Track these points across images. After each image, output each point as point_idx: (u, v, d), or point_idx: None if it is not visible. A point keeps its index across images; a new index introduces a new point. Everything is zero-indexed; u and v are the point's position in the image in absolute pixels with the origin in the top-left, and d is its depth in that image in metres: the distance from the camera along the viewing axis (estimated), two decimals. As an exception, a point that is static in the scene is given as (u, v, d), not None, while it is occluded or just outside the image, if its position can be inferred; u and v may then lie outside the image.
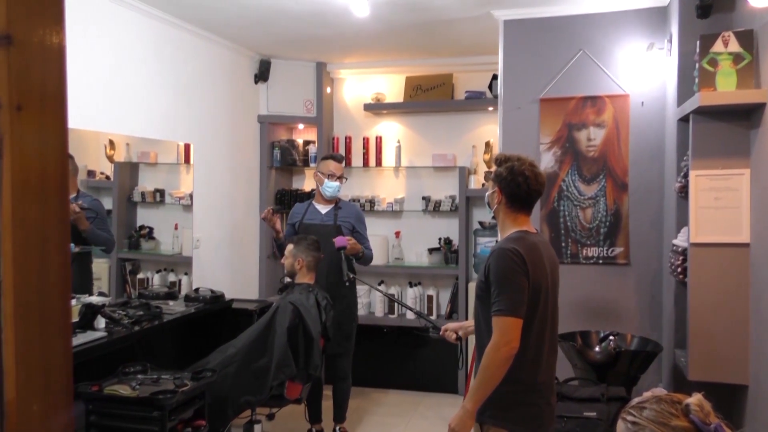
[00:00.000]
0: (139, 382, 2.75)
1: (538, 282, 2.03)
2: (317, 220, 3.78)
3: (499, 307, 1.98)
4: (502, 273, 1.99)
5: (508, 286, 1.98)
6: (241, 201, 4.80)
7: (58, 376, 0.78)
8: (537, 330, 2.05)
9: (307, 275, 3.48)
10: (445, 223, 5.01)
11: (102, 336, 2.84)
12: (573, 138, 3.60)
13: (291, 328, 3.18)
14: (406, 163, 5.12)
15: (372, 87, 5.15)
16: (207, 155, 4.31)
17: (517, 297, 1.97)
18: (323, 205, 3.83)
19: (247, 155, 4.90)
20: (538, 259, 2.06)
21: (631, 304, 3.53)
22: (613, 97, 3.55)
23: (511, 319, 1.96)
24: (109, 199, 3.64)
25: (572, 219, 3.61)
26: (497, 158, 2.18)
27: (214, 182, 4.43)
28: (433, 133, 5.08)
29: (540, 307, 2.05)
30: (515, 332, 1.96)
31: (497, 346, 1.96)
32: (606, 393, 2.78)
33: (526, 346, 2.01)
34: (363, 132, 5.20)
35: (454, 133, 5.03)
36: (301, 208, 3.90)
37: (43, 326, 0.77)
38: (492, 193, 2.18)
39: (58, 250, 0.79)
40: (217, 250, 4.46)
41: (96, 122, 3.32)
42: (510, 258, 2.00)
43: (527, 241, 2.07)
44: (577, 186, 3.61)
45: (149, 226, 3.90)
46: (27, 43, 0.75)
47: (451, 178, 4.96)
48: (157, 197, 3.97)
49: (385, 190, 5.18)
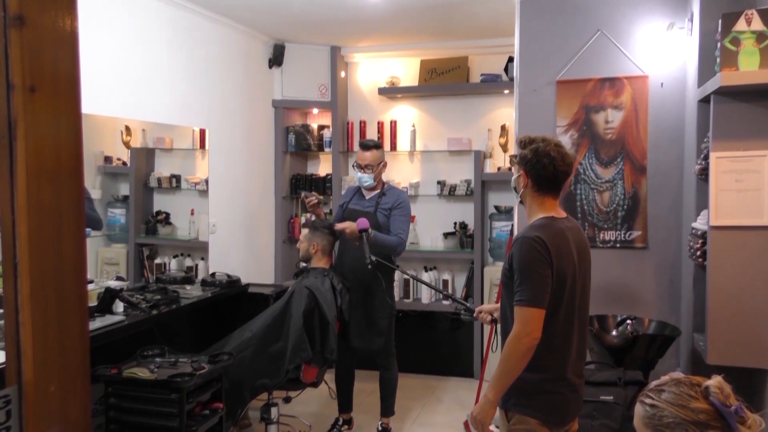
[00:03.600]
0: (157, 365, 2.78)
1: (564, 270, 2.01)
2: (361, 206, 3.70)
3: (521, 297, 1.97)
4: (524, 262, 1.98)
5: (530, 275, 1.96)
6: (257, 186, 4.82)
7: (75, 357, 0.79)
8: (563, 318, 2.03)
9: (323, 259, 3.50)
10: (460, 208, 5.00)
11: (120, 320, 2.87)
12: (590, 120, 3.57)
13: (306, 312, 3.19)
14: (421, 147, 5.11)
15: (386, 71, 5.12)
16: (222, 140, 4.32)
17: (539, 287, 1.96)
18: (368, 192, 3.74)
19: (262, 140, 4.91)
20: (563, 246, 2.03)
21: (648, 288, 3.51)
22: (631, 79, 3.50)
23: (532, 309, 1.95)
24: (126, 184, 3.66)
25: (589, 202, 3.58)
26: (521, 140, 2.15)
27: (230, 167, 4.44)
28: (448, 116, 5.06)
29: (566, 295, 2.02)
30: (537, 323, 1.95)
31: (518, 337, 1.95)
32: (623, 377, 2.77)
33: (551, 334, 2.00)
34: (377, 116, 5.18)
35: (470, 117, 5.00)
36: (350, 193, 3.82)
37: (60, 308, 0.78)
38: (518, 177, 2.15)
39: (73, 233, 0.79)
40: (232, 235, 4.48)
41: (111, 107, 3.33)
42: (533, 247, 1.98)
43: (552, 228, 2.05)
44: (594, 169, 3.57)
45: (166, 211, 3.93)
46: (39, 25, 0.75)
47: (466, 162, 4.95)
48: (173, 183, 3.99)
49: (400, 174, 5.17)
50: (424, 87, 4.94)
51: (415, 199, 5.11)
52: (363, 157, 3.62)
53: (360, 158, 3.63)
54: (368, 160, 3.62)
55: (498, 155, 4.88)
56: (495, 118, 4.93)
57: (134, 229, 3.65)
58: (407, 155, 5.16)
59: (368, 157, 3.62)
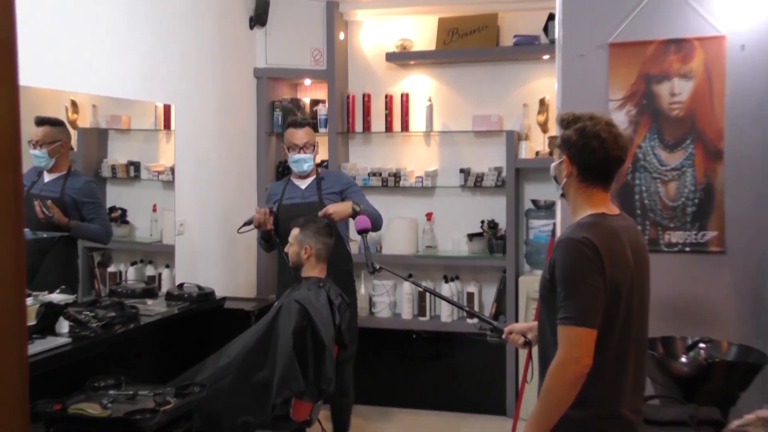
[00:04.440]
0: (111, 400, 2.75)
1: (618, 280, 2.01)
2: (298, 198, 3.88)
3: (566, 314, 1.97)
4: (570, 271, 1.99)
5: (577, 287, 1.97)
6: (235, 175, 4.82)
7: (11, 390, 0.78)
8: (618, 341, 2.04)
9: (317, 267, 3.50)
10: (488, 202, 4.99)
11: (65, 342, 2.86)
12: (652, 93, 3.58)
13: (297, 332, 3.20)
14: (440, 127, 5.10)
15: (396, 32, 5.12)
16: (191, 119, 4.32)
17: (588, 301, 1.96)
18: (302, 180, 3.92)
19: (242, 118, 4.91)
20: (618, 251, 2.04)
21: (727, 303, 3.50)
22: (704, 40, 3.50)
23: (581, 329, 1.95)
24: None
25: (650, 195, 3.59)
26: (563, 119, 2.16)
27: (201, 152, 4.44)
28: (474, 89, 5.04)
29: (621, 311, 2.03)
30: (587, 346, 1.95)
31: (563, 364, 1.96)
32: (695, 415, 2.76)
33: (602, 361, 1.99)
34: (385, 88, 5.18)
35: (500, 89, 4.99)
36: (278, 188, 4.01)
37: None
38: (559, 164, 2.17)
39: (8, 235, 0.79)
40: (205, 237, 4.48)
41: (54, 78, 3.33)
42: (580, 251, 1.99)
43: (604, 227, 2.05)
44: (656, 154, 3.58)
45: (121, 207, 3.90)
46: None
47: (496, 145, 4.93)
48: (130, 171, 3.97)
49: (414, 161, 5.16)
50: (443, 52, 4.91)
51: (432, 192, 5.11)
52: (298, 135, 3.84)
53: (294, 138, 3.84)
54: (305, 138, 3.84)
55: (536, 137, 4.87)
56: (532, 91, 4.91)
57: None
58: (422, 137, 5.15)
59: (304, 135, 3.84)
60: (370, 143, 5.22)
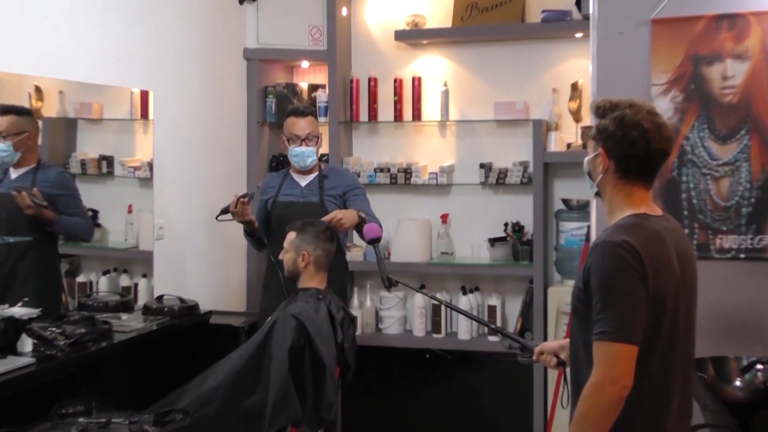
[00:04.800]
0: (80, 428, 2.76)
1: (662, 290, 2.03)
2: (296, 196, 3.89)
3: (604, 328, 1.97)
4: (608, 278, 2.00)
5: (616, 297, 1.98)
6: (223, 171, 4.80)
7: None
8: (661, 360, 2.05)
9: (316, 276, 3.50)
10: (513, 202, 4.96)
11: (28, 363, 2.87)
12: (700, 76, 3.55)
13: (294, 351, 3.20)
14: (457, 115, 5.07)
15: (407, 6, 5.08)
16: (172, 107, 4.30)
17: (629, 313, 1.97)
18: (302, 176, 3.93)
19: (230, 106, 4.90)
20: (662, 256, 2.05)
21: (787, 318, 3.48)
22: (761, 15, 3.46)
23: (620, 345, 1.95)
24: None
25: (699, 194, 3.56)
26: (599, 106, 2.18)
27: (183, 145, 4.43)
28: (496, 72, 5.02)
29: (665, 326, 2.04)
30: (627, 364, 1.95)
31: (601, 385, 1.96)
32: (753, 448, 2.76)
33: (644, 383, 2.00)
34: (394, 71, 5.15)
35: (526, 72, 4.96)
36: (274, 180, 4.02)
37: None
38: (594, 158, 2.18)
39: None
40: (188, 242, 4.47)
41: (14, 62, 3.32)
42: (620, 256, 1.99)
43: (646, 230, 2.07)
44: (706, 146, 3.56)
45: (92, 208, 3.88)
46: None
47: (521, 136, 4.91)
48: (103, 167, 3.96)
49: (427, 154, 5.14)
50: (460, 29, 4.89)
51: (448, 191, 5.08)
52: (300, 125, 3.84)
53: (295, 128, 3.85)
54: (308, 128, 3.85)
55: (567, 126, 4.83)
56: (562, 74, 4.88)
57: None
58: (436, 127, 5.12)
59: (307, 125, 3.85)
60: (377, 134, 5.18)
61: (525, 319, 4.77)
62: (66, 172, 3.73)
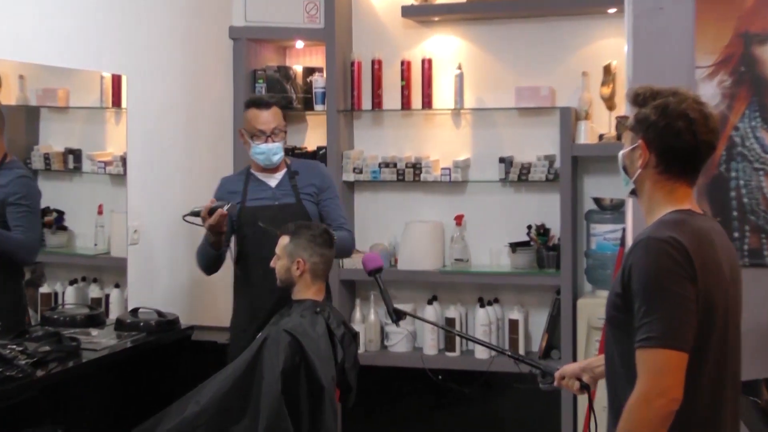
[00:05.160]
0: None
1: (712, 293, 2.04)
2: (268, 199, 3.85)
3: (649, 333, 1.97)
4: (653, 278, 2.00)
5: (663, 298, 1.98)
6: (206, 166, 4.79)
7: None
8: (712, 370, 2.06)
9: (313, 286, 3.51)
10: (537, 202, 4.95)
11: None
12: (752, 57, 3.54)
13: (287, 371, 3.20)
14: (473, 102, 5.05)
15: (415, -21, 5.08)
16: (148, 94, 4.29)
17: (677, 316, 1.98)
18: (269, 174, 3.89)
19: (214, 92, 4.91)
20: (711, 257, 2.07)
21: None
22: (823, -14, 3.47)
23: (669, 352, 1.96)
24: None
25: (751, 192, 3.55)
26: (638, 93, 2.20)
27: (162, 137, 4.43)
28: (517, 53, 5.01)
29: (716, 332, 2.05)
30: (676, 374, 1.95)
31: (646, 398, 1.96)
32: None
33: (693, 396, 2.01)
34: (401, 53, 5.13)
35: (552, 53, 4.95)
36: (234, 184, 3.95)
37: None
38: (632, 151, 2.20)
39: None
40: (166, 248, 4.47)
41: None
42: (666, 253, 2.00)
43: (694, 227, 2.08)
44: (759, 137, 3.55)
45: (58, 209, 3.91)
46: None
47: (547, 126, 4.88)
48: (69, 162, 3.98)
49: (439, 147, 5.12)
50: (476, 4, 4.90)
51: (463, 189, 5.07)
52: (263, 119, 3.81)
53: (258, 122, 3.81)
54: (274, 121, 3.82)
55: (599, 115, 4.81)
56: (593, 55, 4.86)
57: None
58: (449, 116, 5.11)
59: (272, 118, 3.82)
60: (382, 124, 5.18)
61: (551, 335, 4.75)
62: (29, 177, 3.70)
